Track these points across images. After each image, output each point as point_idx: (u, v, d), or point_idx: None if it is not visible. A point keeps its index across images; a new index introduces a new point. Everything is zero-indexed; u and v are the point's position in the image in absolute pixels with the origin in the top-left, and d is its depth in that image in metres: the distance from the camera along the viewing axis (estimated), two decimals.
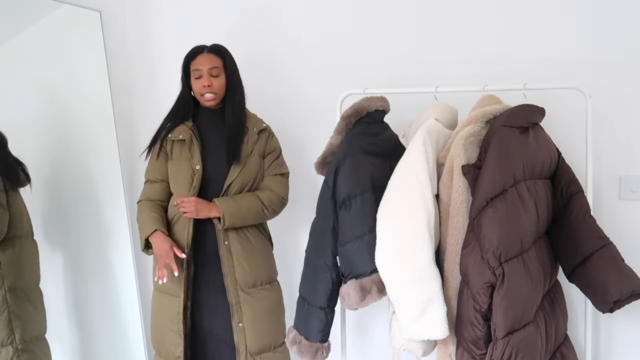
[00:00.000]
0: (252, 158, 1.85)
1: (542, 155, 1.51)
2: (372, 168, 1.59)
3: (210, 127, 1.88)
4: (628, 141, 1.81)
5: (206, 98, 1.83)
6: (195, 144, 1.83)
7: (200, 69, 1.81)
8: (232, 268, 1.81)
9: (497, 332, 1.36)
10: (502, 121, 1.45)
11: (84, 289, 2.17)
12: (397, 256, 1.46)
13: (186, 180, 1.81)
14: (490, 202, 1.38)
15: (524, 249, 1.41)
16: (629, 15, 1.78)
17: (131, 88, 2.40)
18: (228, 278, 1.81)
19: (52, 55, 2.09)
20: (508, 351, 1.34)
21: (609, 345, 1.89)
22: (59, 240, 2.12)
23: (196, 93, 1.85)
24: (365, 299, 1.54)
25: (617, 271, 1.49)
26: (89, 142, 2.20)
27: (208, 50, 1.84)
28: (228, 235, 1.82)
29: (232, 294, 1.81)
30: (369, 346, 2.22)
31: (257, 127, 1.89)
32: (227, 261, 1.81)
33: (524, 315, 1.38)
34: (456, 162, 1.46)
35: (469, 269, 1.40)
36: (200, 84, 1.81)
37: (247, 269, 1.83)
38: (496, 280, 1.35)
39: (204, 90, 1.81)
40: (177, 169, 1.84)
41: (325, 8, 2.13)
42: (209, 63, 1.81)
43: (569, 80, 1.74)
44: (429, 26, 2.01)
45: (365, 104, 1.67)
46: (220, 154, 1.83)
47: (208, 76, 1.80)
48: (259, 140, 1.88)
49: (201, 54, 1.84)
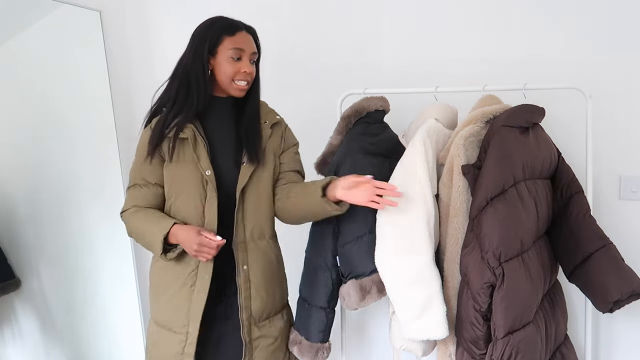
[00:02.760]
0: (267, 156, 1.56)
1: (542, 155, 1.51)
2: (372, 168, 1.59)
3: (217, 121, 1.55)
4: (628, 141, 1.81)
5: (239, 86, 1.50)
6: (200, 143, 1.49)
7: (242, 49, 1.48)
8: (249, 300, 1.51)
9: (497, 332, 1.36)
10: (502, 121, 1.45)
11: (83, 290, 2.17)
12: (397, 256, 1.46)
13: (195, 189, 1.48)
14: (490, 202, 1.38)
15: (524, 249, 1.41)
16: (629, 15, 1.77)
17: (131, 88, 2.40)
18: (244, 312, 1.50)
19: (52, 55, 2.09)
20: (508, 351, 1.34)
21: (609, 345, 1.89)
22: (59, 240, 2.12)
23: (225, 76, 1.49)
24: (365, 299, 1.54)
25: (617, 271, 1.49)
26: (89, 142, 2.19)
27: (247, 30, 1.52)
28: (248, 256, 1.52)
29: (247, 330, 1.52)
30: (369, 346, 2.22)
31: (269, 120, 1.59)
32: (244, 291, 1.50)
33: (524, 315, 1.38)
34: (456, 162, 1.46)
35: (469, 269, 1.40)
36: (237, 67, 1.48)
37: (265, 299, 1.54)
38: (496, 280, 1.35)
39: (241, 76, 1.49)
40: (180, 175, 1.49)
41: (325, 8, 2.13)
42: (250, 46, 1.50)
43: (569, 80, 1.74)
44: (429, 26, 2.00)
45: (366, 104, 1.67)
46: (229, 153, 1.53)
47: (248, 61, 1.50)
48: (272, 136, 1.59)
49: (241, 32, 1.50)
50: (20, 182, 2.02)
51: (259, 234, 1.55)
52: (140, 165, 1.52)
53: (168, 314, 1.50)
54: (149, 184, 1.52)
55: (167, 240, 1.44)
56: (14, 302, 2.00)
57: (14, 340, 2.00)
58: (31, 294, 2.02)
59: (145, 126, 1.56)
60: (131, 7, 2.37)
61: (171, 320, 1.49)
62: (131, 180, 1.55)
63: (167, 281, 1.51)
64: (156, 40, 2.38)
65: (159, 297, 1.54)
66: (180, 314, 1.48)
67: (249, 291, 1.51)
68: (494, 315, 1.36)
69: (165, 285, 1.52)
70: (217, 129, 1.54)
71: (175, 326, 1.49)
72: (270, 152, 1.57)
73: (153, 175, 1.51)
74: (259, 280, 1.52)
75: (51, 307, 2.05)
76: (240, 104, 1.57)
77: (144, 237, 1.49)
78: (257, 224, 1.54)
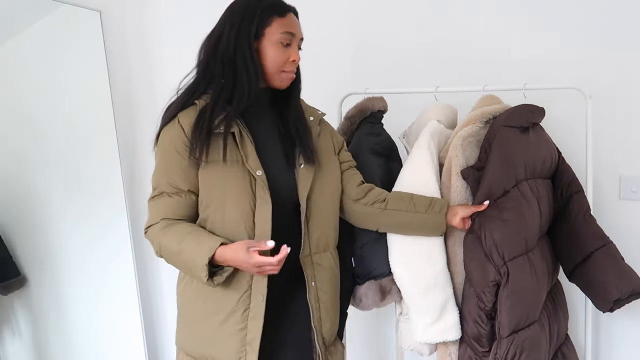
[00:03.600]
0: (326, 158, 1.37)
1: (543, 154, 1.51)
2: (380, 169, 1.60)
3: (259, 115, 1.31)
4: (628, 141, 1.81)
5: (287, 76, 1.29)
6: (246, 139, 1.25)
7: (294, 33, 1.27)
8: (320, 322, 1.32)
9: (501, 330, 1.36)
10: (502, 121, 1.45)
11: (83, 289, 2.17)
12: (415, 262, 1.47)
13: (242, 194, 1.23)
14: (493, 203, 1.38)
15: (529, 248, 1.41)
16: (629, 15, 1.78)
17: (131, 88, 2.39)
18: (319, 336, 1.31)
19: (52, 55, 2.08)
20: (512, 350, 1.34)
21: (609, 345, 1.89)
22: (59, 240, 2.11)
23: (273, 65, 1.26)
24: (386, 298, 1.54)
25: (617, 270, 1.49)
26: (89, 142, 2.19)
27: (294, 13, 1.31)
28: (315, 271, 1.31)
29: (323, 357, 1.32)
30: (370, 346, 2.22)
31: (314, 116, 1.40)
32: (316, 312, 1.30)
33: (529, 314, 1.38)
34: (454, 162, 1.47)
35: (471, 268, 1.40)
36: (287, 54, 1.27)
37: (333, 319, 1.36)
38: (501, 278, 1.35)
39: (290, 65, 1.28)
40: (222, 179, 1.23)
41: (326, 8, 2.13)
42: (300, 31, 1.29)
43: (569, 80, 1.74)
44: (429, 26, 2.00)
45: (369, 104, 1.67)
46: (278, 152, 1.32)
47: (297, 48, 1.30)
48: (321, 133, 1.40)
49: (290, 13, 1.28)
50: (22, 181, 2.02)
51: (324, 245, 1.36)
52: (169, 169, 1.25)
53: (213, 347, 1.27)
54: (181, 191, 1.25)
55: (212, 263, 1.19)
56: (14, 302, 1.99)
57: (14, 340, 2.00)
58: (32, 293, 2.02)
59: (167, 122, 1.28)
60: (131, 7, 2.37)
61: (222, 354, 1.26)
62: (156, 188, 1.28)
63: (208, 309, 1.27)
64: (156, 40, 2.38)
65: (197, 327, 1.30)
66: (232, 345, 1.24)
67: (319, 312, 1.31)
68: (499, 314, 1.36)
69: (206, 313, 1.28)
70: (260, 126, 1.31)
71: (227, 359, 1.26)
72: (328, 153, 1.39)
73: (186, 181, 1.25)
74: (328, 299, 1.34)
75: (51, 307, 2.05)
76: (280, 96, 1.35)
77: (181, 259, 1.23)
78: (323, 234, 1.34)
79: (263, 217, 1.23)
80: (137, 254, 2.28)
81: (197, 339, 1.30)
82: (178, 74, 1.83)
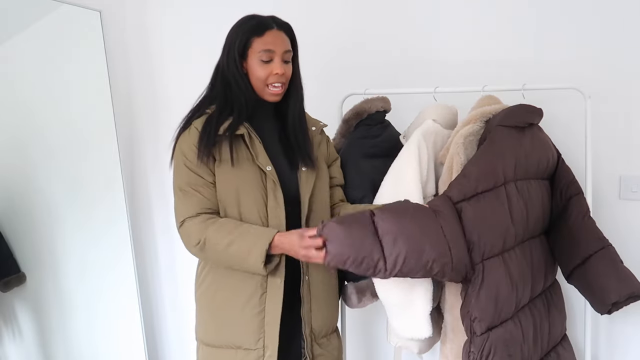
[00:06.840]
0: (321, 164, 1.49)
1: (537, 155, 1.51)
2: (374, 171, 1.60)
3: (262, 124, 1.43)
4: (628, 141, 1.81)
5: (272, 91, 1.39)
6: (255, 140, 1.37)
7: (273, 50, 1.36)
8: (310, 313, 1.43)
9: (474, 328, 1.36)
10: (498, 121, 1.45)
11: (83, 288, 2.18)
12: None
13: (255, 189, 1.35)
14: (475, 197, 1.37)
15: (505, 248, 1.41)
16: (628, 15, 1.77)
17: (131, 88, 2.40)
18: (307, 327, 1.42)
19: (52, 55, 2.09)
20: (487, 347, 1.34)
21: (609, 346, 1.89)
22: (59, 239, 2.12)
23: (258, 81, 1.38)
24: (362, 301, 1.58)
25: (615, 273, 1.49)
26: (89, 142, 2.20)
27: (278, 27, 1.40)
28: (309, 264, 1.41)
29: (309, 346, 1.43)
30: (369, 346, 2.22)
31: (316, 126, 1.52)
32: (306, 304, 1.42)
33: (502, 313, 1.38)
34: (455, 160, 1.47)
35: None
36: (268, 69, 1.37)
37: (325, 313, 1.47)
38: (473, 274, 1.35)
39: (273, 79, 1.37)
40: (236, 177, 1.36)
41: (326, 8, 2.13)
42: (282, 44, 1.38)
43: (568, 80, 1.73)
44: (429, 26, 2.00)
45: (366, 105, 1.67)
46: (282, 156, 1.44)
47: (281, 62, 1.38)
48: (321, 143, 1.53)
49: (271, 30, 1.38)
50: (25, 180, 2.02)
51: None
52: (192, 166, 1.35)
53: (236, 332, 1.38)
54: (207, 182, 1.36)
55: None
56: (14, 302, 2.00)
57: (13, 340, 2.00)
58: (31, 292, 2.02)
59: (183, 130, 1.41)
60: (131, 7, 2.37)
61: (241, 338, 1.37)
62: (180, 189, 1.37)
63: (227, 298, 1.39)
64: (156, 40, 2.38)
65: (217, 315, 1.41)
66: (252, 328, 1.36)
67: (310, 304, 1.42)
68: (472, 311, 1.35)
69: (227, 302, 1.39)
70: (264, 131, 1.42)
71: (247, 343, 1.37)
72: (322, 161, 1.50)
73: (209, 174, 1.36)
74: (320, 293, 1.44)
75: (51, 306, 2.05)
76: (283, 107, 1.46)
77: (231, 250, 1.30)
78: None
79: (275, 207, 1.36)
80: (137, 253, 2.28)
81: (217, 328, 1.41)
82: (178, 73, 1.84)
